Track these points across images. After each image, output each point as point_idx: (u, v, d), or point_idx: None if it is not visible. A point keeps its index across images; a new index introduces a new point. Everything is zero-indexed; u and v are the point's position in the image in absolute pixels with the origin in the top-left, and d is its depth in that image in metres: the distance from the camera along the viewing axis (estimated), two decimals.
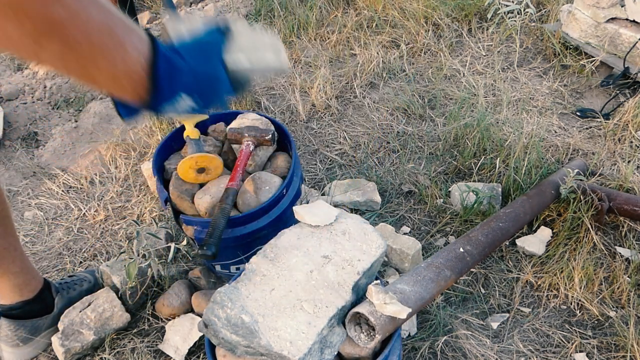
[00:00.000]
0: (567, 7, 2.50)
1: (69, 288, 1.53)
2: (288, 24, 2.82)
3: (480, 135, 2.01)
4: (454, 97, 2.31)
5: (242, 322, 0.93)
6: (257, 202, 1.41)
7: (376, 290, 0.99)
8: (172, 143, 1.61)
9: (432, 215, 1.84)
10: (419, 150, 2.10)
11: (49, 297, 1.48)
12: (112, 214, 1.93)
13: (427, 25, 2.73)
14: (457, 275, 1.27)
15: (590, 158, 1.99)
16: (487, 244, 1.42)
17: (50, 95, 2.56)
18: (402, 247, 1.59)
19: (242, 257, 1.47)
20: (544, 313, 1.54)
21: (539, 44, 2.64)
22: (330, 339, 0.98)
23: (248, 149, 1.46)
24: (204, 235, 1.39)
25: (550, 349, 1.46)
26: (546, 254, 1.67)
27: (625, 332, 1.44)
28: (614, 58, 2.33)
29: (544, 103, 2.29)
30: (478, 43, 2.65)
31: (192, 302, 1.53)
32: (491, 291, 1.60)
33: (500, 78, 2.42)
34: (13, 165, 2.17)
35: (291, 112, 2.31)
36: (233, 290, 0.99)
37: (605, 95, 2.32)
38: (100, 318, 1.47)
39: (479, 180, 1.93)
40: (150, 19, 3.18)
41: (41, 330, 1.47)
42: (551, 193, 1.71)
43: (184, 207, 1.45)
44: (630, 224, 1.73)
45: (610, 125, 2.11)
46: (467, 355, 1.42)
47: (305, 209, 1.13)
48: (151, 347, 1.49)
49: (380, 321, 0.97)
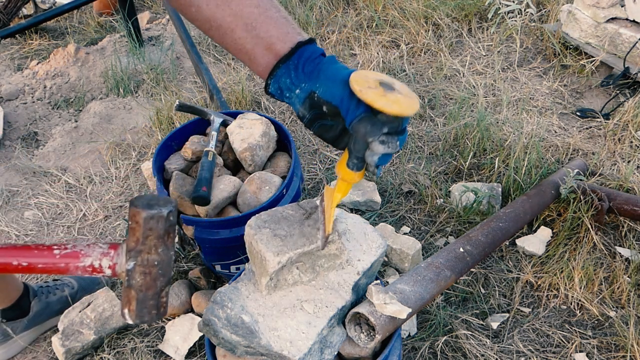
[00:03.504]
0: (567, 7, 2.49)
1: (48, 292, 1.53)
2: None
3: (480, 135, 2.01)
4: (454, 97, 2.31)
5: (242, 322, 0.93)
6: (257, 202, 1.41)
7: (376, 290, 0.99)
8: (172, 143, 1.61)
9: (432, 215, 1.84)
10: (419, 150, 2.10)
11: (26, 303, 1.48)
12: (112, 213, 1.93)
13: (427, 25, 2.73)
14: (457, 275, 1.27)
15: (590, 158, 1.99)
16: (487, 244, 1.42)
17: (50, 95, 2.56)
18: (402, 247, 1.59)
19: (242, 257, 1.47)
20: (544, 313, 1.54)
21: (539, 44, 2.64)
22: (330, 339, 0.98)
23: None
24: (204, 235, 1.40)
25: (550, 349, 1.46)
26: (546, 254, 1.67)
27: (625, 332, 1.44)
28: (614, 58, 2.33)
29: (544, 103, 2.29)
30: (478, 43, 2.65)
31: (192, 302, 1.53)
32: (491, 291, 1.60)
33: (500, 78, 2.42)
34: (13, 165, 2.17)
35: (291, 112, 2.31)
36: (233, 290, 0.99)
37: (605, 95, 2.32)
38: (100, 318, 1.47)
39: (479, 180, 1.93)
40: (150, 19, 3.18)
41: (15, 333, 1.47)
42: (551, 193, 1.71)
43: (184, 207, 1.45)
44: (630, 224, 1.73)
45: (610, 125, 2.10)
46: (467, 355, 1.42)
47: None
48: (151, 347, 1.49)
49: (380, 321, 0.97)
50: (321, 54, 0.82)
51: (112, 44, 2.87)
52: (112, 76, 2.57)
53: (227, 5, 0.82)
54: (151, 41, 2.95)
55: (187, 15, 0.85)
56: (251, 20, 0.82)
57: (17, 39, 3.03)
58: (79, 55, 2.74)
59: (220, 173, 1.52)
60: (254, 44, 0.82)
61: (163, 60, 2.72)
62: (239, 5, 0.82)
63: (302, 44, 0.81)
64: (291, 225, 0.98)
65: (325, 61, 0.80)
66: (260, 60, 0.83)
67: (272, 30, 0.82)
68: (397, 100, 0.72)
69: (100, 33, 3.08)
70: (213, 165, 1.46)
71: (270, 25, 0.82)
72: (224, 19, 0.82)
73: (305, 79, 0.78)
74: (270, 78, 0.83)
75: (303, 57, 0.81)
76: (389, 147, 0.74)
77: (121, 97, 2.53)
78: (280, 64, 0.81)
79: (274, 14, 0.83)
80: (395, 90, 0.74)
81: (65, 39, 3.07)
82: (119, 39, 2.91)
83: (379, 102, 0.71)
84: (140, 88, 2.57)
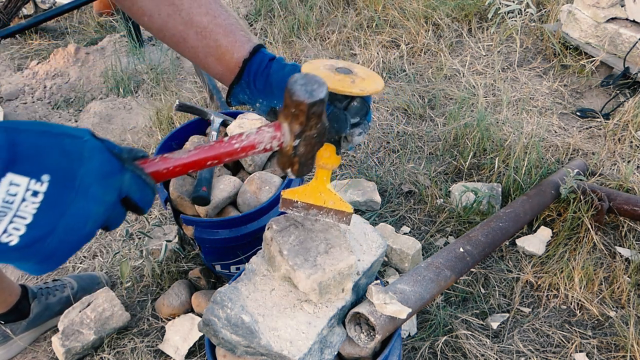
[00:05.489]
0: (567, 7, 2.49)
1: (48, 294, 1.53)
2: (288, 24, 2.82)
3: (480, 135, 2.01)
4: (454, 97, 2.31)
5: (242, 322, 0.93)
6: (257, 202, 1.41)
7: (376, 290, 0.99)
8: (172, 143, 1.61)
9: (432, 215, 1.84)
10: (419, 150, 2.10)
11: (25, 306, 1.48)
12: None
13: (427, 25, 2.73)
14: (457, 275, 1.27)
15: (590, 158, 1.99)
16: (487, 244, 1.42)
17: (50, 95, 2.56)
18: (402, 247, 1.59)
19: (242, 257, 1.47)
20: (544, 313, 1.54)
21: (539, 44, 2.64)
22: (330, 339, 0.98)
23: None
24: (204, 235, 1.40)
25: (550, 349, 1.46)
26: (546, 254, 1.67)
27: (625, 332, 1.44)
28: (614, 58, 2.33)
29: (544, 103, 2.29)
30: (478, 43, 2.65)
31: (192, 302, 1.53)
32: (491, 291, 1.60)
33: (500, 78, 2.42)
34: None
35: None
36: (233, 290, 0.99)
37: (605, 95, 2.32)
38: (100, 318, 1.47)
39: (479, 180, 1.93)
40: None
41: (15, 334, 1.47)
42: (551, 193, 1.71)
43: (184, 207, 1.45)
44: (630, 224, 1.73)
45: (610, 125, 2.10)
46: (467, 355, 1.42)
47: None
48: (151, 347, 1.49)
49: (380, 321, 0.97)
50: (270, 59, 0.84)
51: (112, 44, 2.88)
52: (112, 76, 2.57)
53: (177, 13, 0.82)
54: (151, 41, 2.95)
55: (141, 24, 0.85)
56: (201, 29, 0.83)
57: (17, 39, 3.03)
58: (79, 55, 2.74)
59: (220, 173, 1.52)
60: (205, 54, 0.84)
61: (163, 60, 2.72)
62: (188, 14, 0.82)
63: (248, 60, 0.83)
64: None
65: (273, 70, 0.81)
66: (214, 71, 0.86)
67: (221, 39, 0.83)
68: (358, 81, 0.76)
69: (100, 33, 3.08)
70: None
71: (220, 34, 0.83)
72: (176, 27, 0.83)
73: (260, 95, 0.79)
74: (229, 97, 0.87)
75: (252, 72, 0.83)
76: (361, 131, 0.80)
77: (121, 97, 2.53)
78: (234, 84, 0.85)
79: (223, 20, 0.84)
80: (353, 73, 0.77)
81: (65, 39, 3.07)
82: (119, 39, 2.91)
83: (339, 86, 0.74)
84: (140, 88, 2.57)
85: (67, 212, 0.49)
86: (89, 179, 0.50)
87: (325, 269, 0.90)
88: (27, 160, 0.46)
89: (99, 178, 0.51)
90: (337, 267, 0.91)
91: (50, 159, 0.47)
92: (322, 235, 0.96)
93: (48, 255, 0.50)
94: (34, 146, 0.47)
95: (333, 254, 0.93)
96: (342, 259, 0.92)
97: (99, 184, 0.51)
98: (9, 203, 0.46)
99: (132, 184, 0.55)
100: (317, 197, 0.91)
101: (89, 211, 0.50)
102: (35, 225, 0.47)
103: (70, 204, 0.49)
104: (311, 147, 0.69)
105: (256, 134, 0.66)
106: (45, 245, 0.49)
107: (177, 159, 0.63)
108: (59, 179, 0.48)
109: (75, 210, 0.49)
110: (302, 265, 0.90)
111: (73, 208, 0.49)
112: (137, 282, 1.65)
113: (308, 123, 0.66)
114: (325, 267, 0.90)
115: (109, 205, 0.53)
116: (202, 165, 0.65)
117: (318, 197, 0.91)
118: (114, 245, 1.81)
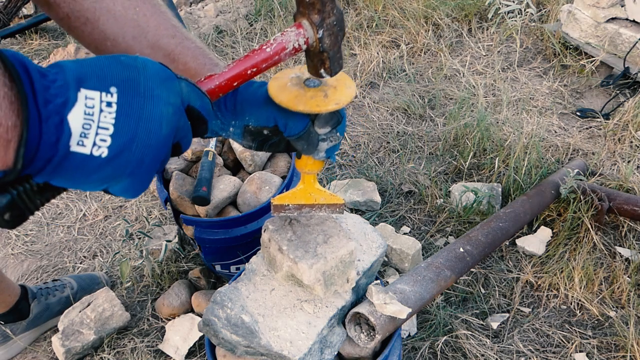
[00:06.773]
0: (567, 7, 2.49)
1: (48, 294, 1.53)
2: (288, 24, 2.82)
3: (480, 135, 2.01)
4: (454, 97, 2.31)
5: (242, 322, 0.93)
6: (257, 202, 1.41)
7: (376, 290, 0.99)
8: None
9: (432, 215, 1.84)
10: (419, 150, 2.10)
11: (25, 306, 1.48)
12: (112, 213, 1.93)
13: (427, 25, 2.73)
14: (457, 275, 1.27)
15: (590, 158, 1.99)
16: (487, 244, 1.42)
17: None
18: (402, 247, 1.59)
19: (242, 257, 1.47)
20: (544, 313, 1.54)
21: (539, 44, 2.64)
22: (330, 339, 0.98)
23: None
24: (204, 235, 1.40)
25: (550, 349, 1.46)
26: (546, 254, 1.67)
27: (625, 332, 1.44)
28: (614, 58, 2.33)
29: (544, 103, 2.29)
30: (478, 43, 2.65)
31: (192, 302, 1.53)
32: (491, 291, 1.60)
33: (500, 78, 2.42)
34: None
35: None
36: (233, 290, 0.99)
37: (605, 95, 2.32)
38: (100, 318, 1.47)
39: (479, 180, 1.93)
40: None
41: (15, 334, 1.47)
42: (551, 193, 1.71)
43: (184, 207, 1.45)
44: (630, 224, 1.73)
45: (610, 125, 2.11)
46: (467, 355, 1.42)
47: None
48: (151, 347, 1.49)
49: (380, 321, 0.97)
50: None
51: None
52: None
53: (143, 37, 0.82)
54: None
55: (103, 50, 0.84)
56: (169, 52, 0.83)
57: (17, 39, 3.03)
58: (78, 55, 2.74)
59: (220, 173, 1.52)
60: None
61: None
62: (155, 36, 0.82)
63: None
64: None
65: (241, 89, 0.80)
66: None
67: (189, 62, 0.83)
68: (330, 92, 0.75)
69: None
70: (213, 165, 1.46)
71: (188, 57, 0.83)
72: (142, 51, 0.82)
73: (232, 116, 0.78)
74: None
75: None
76: (331, 142, 0.80)
77: None
78: None
79: (190, 44, 0.84)
80: (322, 83, 0.76)
81: (65, 39, 3.07)
82: None
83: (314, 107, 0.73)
84: None
85: (141, 117, 0.53)
86: (151, 83, 0.54)
87: (327, 257, 0.90)
88: (94, 76, 0.52)
89: (160, 82, 0.55)
90: (338, 254, 0.91)
91: (112, 73, 0.52)
92: (318, 228, 0.96)
93: (137, 162, 0.54)
94: (96, 65, 0.52)
95: (332, 243, 0.93)
96: (341, 246, 0.92)
97: (161, 87, 0.55)
98: (90, 115, 0.51)
99: (190, 91, 0.59)
100: (307, 197, 0.91)
101: (160, 112, 0.54)
102: (118, 134, 0.52)
103: (141, 108, 0.53)
104: (335, 38, 0.70)
105: (282, 36, 0.68)
106: (132, 153, 0.53)
107: (220, 74, 0.66)
108: (126, 89, 0.53)
109: (148, 113, 0.53)
110: (304, 257, 0.90)
111: (145, 111, 0.53)
112: (137, 282, 1.65)
113: (324, 8, 0.67)
114: (326, 255, 0.90)
115: (176, 109, 0.56)
116: (245, 77, 0.67)
117: (309, 197, 0.91)
118: (114, 245, 1.81)
